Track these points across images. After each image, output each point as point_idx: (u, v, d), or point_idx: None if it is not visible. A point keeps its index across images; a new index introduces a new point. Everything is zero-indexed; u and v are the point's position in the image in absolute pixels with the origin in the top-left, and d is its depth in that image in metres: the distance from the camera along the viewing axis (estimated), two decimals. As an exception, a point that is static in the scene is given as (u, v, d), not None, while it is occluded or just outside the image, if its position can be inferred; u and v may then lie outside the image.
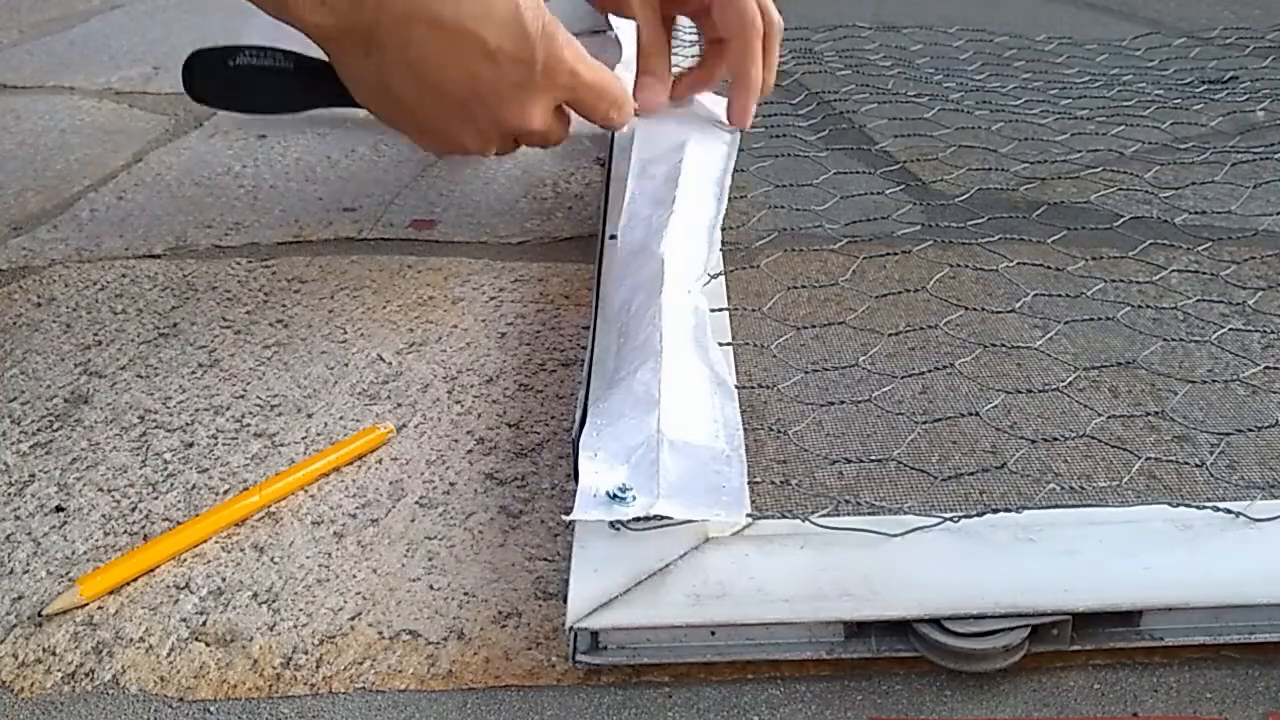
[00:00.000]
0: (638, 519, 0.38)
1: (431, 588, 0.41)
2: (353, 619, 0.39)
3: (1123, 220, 0.63)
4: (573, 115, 0.58)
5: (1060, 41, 0.98)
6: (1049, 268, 0.59)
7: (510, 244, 0.67)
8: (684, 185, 0.57)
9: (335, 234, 0.69)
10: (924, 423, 0.47)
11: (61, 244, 0.69)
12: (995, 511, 0.39)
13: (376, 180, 0.76)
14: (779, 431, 0.47)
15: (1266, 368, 0.50)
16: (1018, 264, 0.59)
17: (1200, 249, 0.60)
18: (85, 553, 0.43)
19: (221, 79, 0.59)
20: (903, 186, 0.69)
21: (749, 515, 0.39)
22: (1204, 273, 0.58)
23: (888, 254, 0.61)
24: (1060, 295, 0.56)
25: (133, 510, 0.45)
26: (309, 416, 0.51)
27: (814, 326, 0.55)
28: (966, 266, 0.59)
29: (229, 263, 0.65)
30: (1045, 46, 0.97)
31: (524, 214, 0.71)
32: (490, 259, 0.65)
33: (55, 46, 1.11)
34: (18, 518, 0.45)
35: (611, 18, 0.77)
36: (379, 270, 0.64)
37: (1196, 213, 0.65)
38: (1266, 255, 0.60)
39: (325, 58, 0.53)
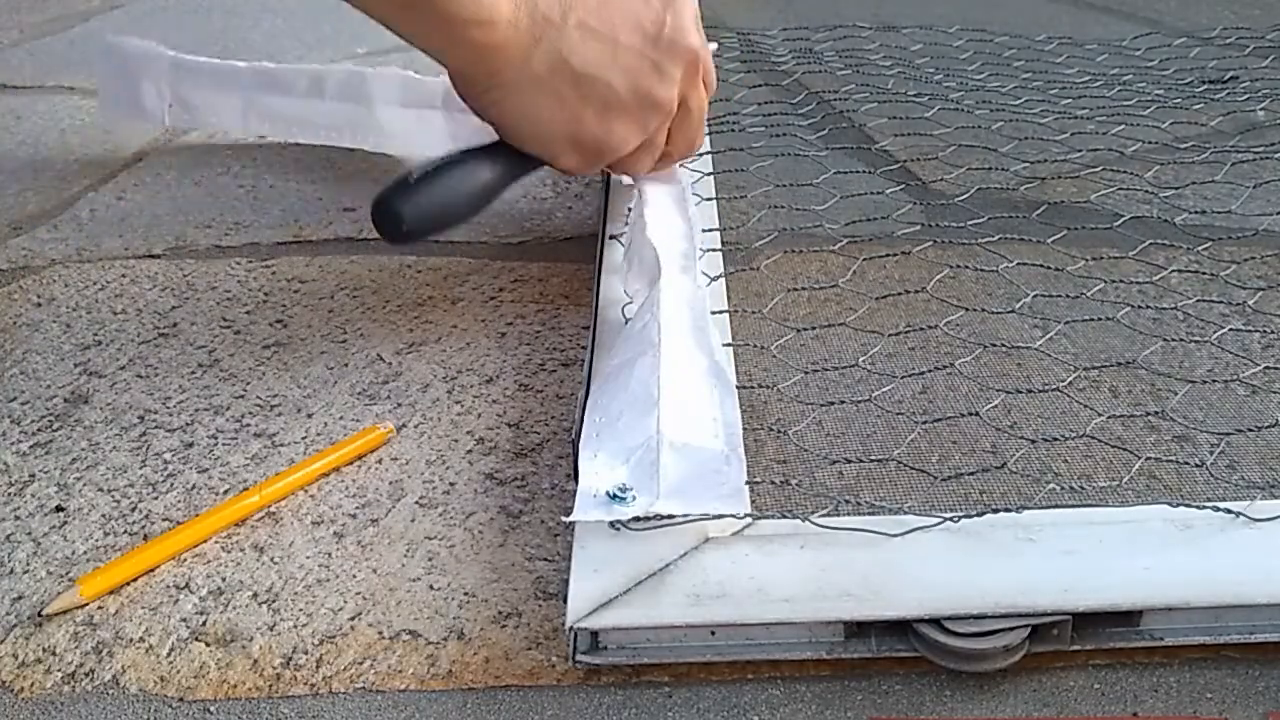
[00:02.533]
0: (638, 519, 0.38)
1: (431, 588, 0.41)
2: (353, 619, 0.39)
3: (1123, 220, 0.63)
4: None
5: (1060, 41, 0.98)
6: (1049, 268, 0.59)
7: (510, 244, 0.67)
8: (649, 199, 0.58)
9: (335, 234, 0.69)
10: (924, 423, 0.47)
11: (61, 244, 0.69)
12: (995, 511, 0.39)
13: (376, 180, 0.76)
14: (779, 431, 0.47)
15: (1266, 368, 0.50)
16: (1017, 264, 0.59)
17: (1200, 249, 0.60)
18: (85, 553, 0.43)
19: (422, 199, 0.50)
20: (903, 186, 0.69)
21: (749, 515, 0.39)
22: (1204, 273, 0.58)
23: (888, 255, 0.61)
24: (1060, 296, 0.56)
25: (133, 510, 0.45)
26: (309, 416, 0.51)
27: (814, 327, 0.55)
28: (966, 267, 0.59)
29: (229, 263, 0.65)
30: (1045, 46, 0.97)
31: (524, 214, 0.71)
32: (490, 259, 0.65)
33: (55, 46, 1.11)
34: (18, 518, 0.45)
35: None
36: (379, 270, 0.64)
37: (1196, 213, 0.65)
38: (1266, 255, 0.60)
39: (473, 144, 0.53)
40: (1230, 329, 0.53)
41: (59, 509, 0.45)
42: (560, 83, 0.50)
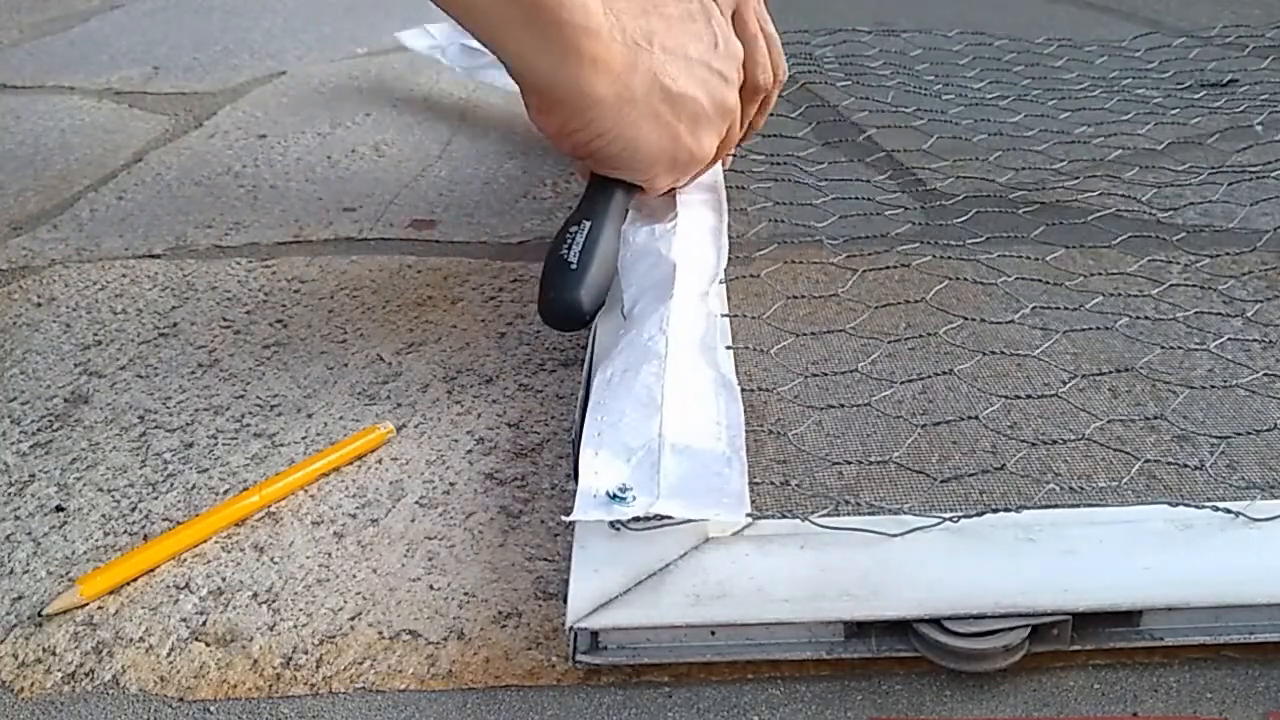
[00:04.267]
0: (638, 519, 0.38)
1: (431, 588, 0.41)
2: (353, 619, 0.39)
3: (1123, 230, 0.63)
4: None
5: (1060, 44, 0.98)
6: (1049, 281, 0.58)
7: (510, 244, 0.67)
8: (683, 202, 0.59)
9: (335, 234, 0.69)
10: (924, 425, 0.47)
11: (61, 244, 0.69)
12: (995, 511, 0.39)
13: (376, 180, 0.76)
14: (779, 433, 0.47)
15: (1266, 371, 0.50)
16: (1016, 277, 0.59)
17: (1200, 259, 0.60)
18: (85, 553, 0.43)
19: (591, 282, 0.51)
20: (903, 194, 0.69)
21: (749, 515, 0.39)
22: (1204, 284, 0.58)
23: (888, 264, 0.61)
24: (1060, 304, 0.56)
25: (133, 510, 0.45)
26: (309, 416, 0.51)
27: (813, 332, 0.55)
28: (966, 276, 0.59)
29: (229, 263, 0.65)
30: (1045, 50, 0.97)
31: (524, 214, 0.71)
32: (490, 259, 0.65)
33: (55, 46, 1.11)
34: (18, 518, 0.45)
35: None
36: (379, 270, 0.64)
37: (1197, 223, 0.65)
38: (1266, 265, 0.60)
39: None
40: (1230, 336, 0.53)
41: (59, 509, 0.45)
42: (657, 104, 0.53)
